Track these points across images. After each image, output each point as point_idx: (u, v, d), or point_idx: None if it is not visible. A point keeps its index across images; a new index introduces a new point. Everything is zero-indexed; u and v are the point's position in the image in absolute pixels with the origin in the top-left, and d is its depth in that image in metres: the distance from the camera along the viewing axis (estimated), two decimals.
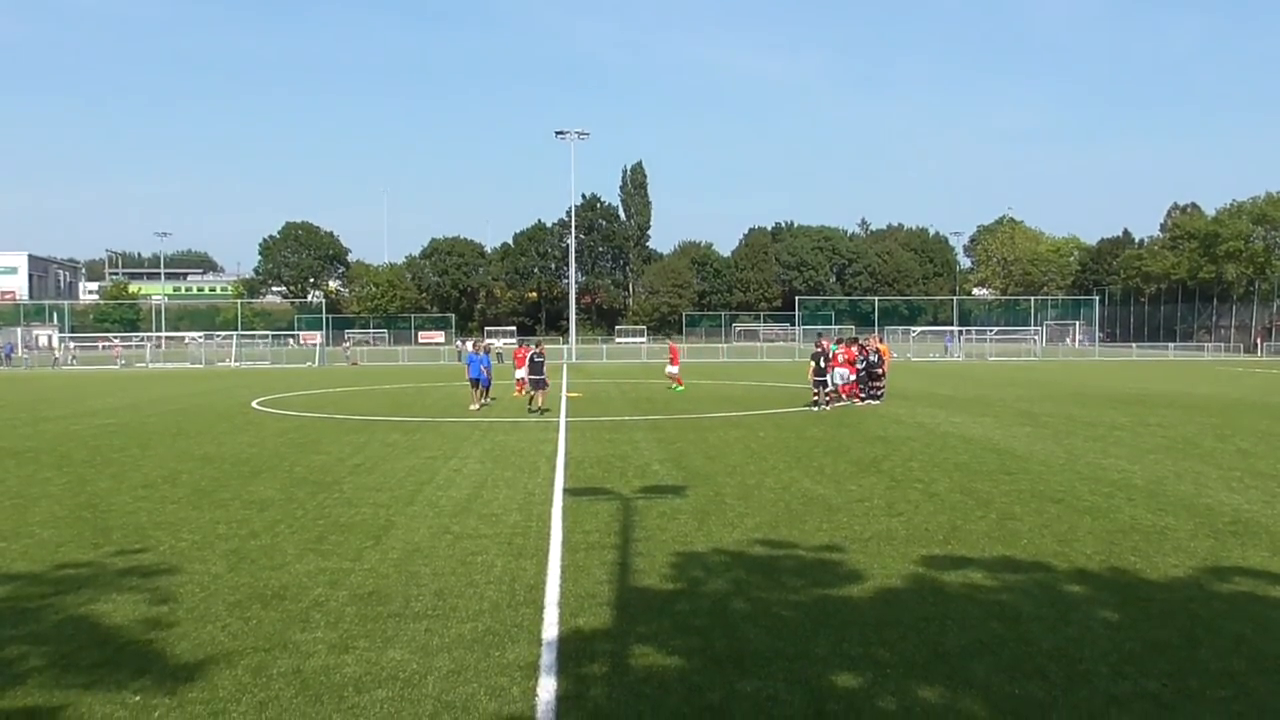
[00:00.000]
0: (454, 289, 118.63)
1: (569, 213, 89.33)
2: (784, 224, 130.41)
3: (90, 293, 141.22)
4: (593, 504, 10.78)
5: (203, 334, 67.86)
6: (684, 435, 17.57)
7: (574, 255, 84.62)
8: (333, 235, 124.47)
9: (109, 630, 6.41)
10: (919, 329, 79.19)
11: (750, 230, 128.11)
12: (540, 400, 22.15)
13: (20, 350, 63.71)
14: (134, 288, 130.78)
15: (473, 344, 33.11)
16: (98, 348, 71.36)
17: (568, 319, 77.90)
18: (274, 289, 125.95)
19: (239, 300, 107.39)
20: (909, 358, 58.50)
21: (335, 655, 5.90)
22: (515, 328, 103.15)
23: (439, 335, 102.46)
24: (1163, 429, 18.41)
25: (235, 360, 58.79)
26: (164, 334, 71.87)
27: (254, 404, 25.92)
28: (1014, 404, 24.49)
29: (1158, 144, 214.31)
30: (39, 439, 17.87)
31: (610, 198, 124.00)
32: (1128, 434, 17.55)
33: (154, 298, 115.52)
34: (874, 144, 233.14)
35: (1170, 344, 75.17)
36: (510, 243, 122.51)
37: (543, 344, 24.35)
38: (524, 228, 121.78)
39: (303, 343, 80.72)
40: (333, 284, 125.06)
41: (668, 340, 39.23)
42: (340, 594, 7.24)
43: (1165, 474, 12.75)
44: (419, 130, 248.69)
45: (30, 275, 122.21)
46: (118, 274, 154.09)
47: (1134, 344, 79.57)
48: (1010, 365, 52.79)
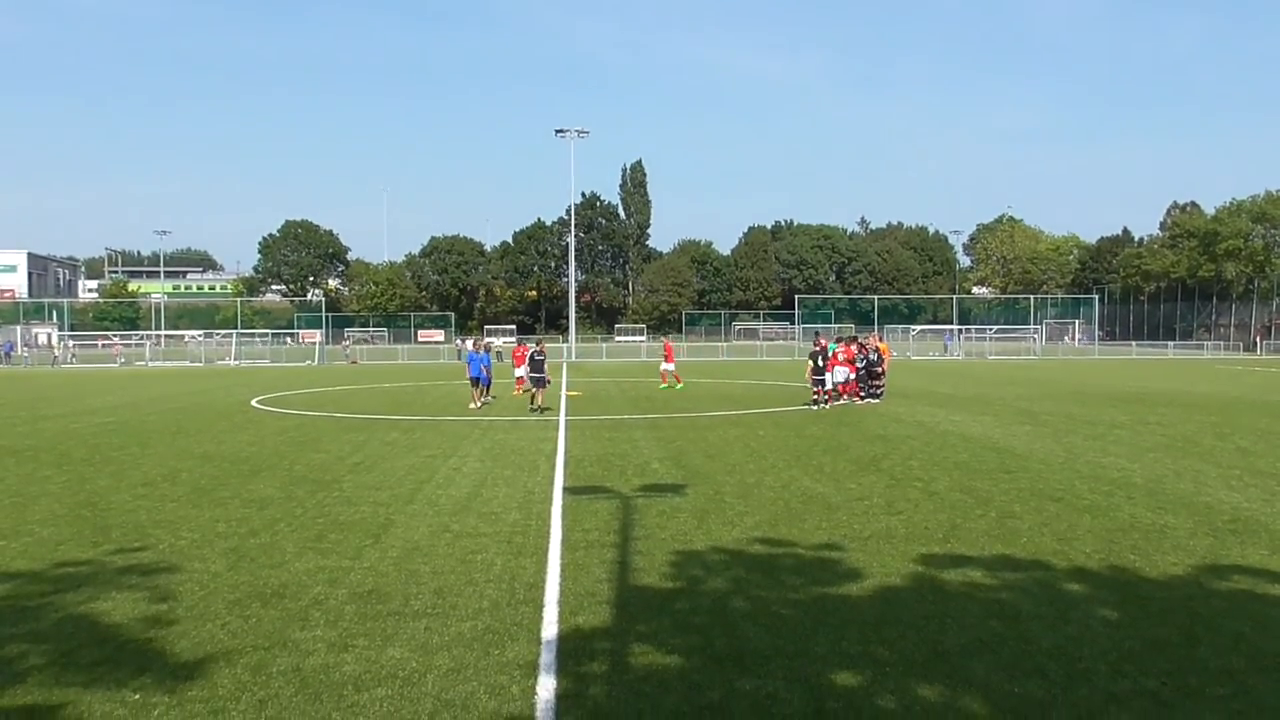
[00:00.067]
0: (454, 287, 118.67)
1: (569, 211, 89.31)
2: (784, 223, 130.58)
3: (90, 291, 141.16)
4: (592, 502, 10.79)
5: (202, 332, 67.84)
6: (683, 434, 17.57)
7: (574, 254, 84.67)
8: (332, 234, 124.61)
9: (108, 628, 6.41)
10: (918, 328, 79.25)
11: (750, 229, 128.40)
12: (540, 399, 22.18)
13: (20, 349, 63.63)
14: (133, 286, 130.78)
15: (473, 343, 33.08)
16: (97, 346, 71.40)
17: (567, 318, 77.93)
18: (274, 287, 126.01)
19: (239, 299, 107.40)
20: (908, 356, 58.52)
21: (335, 653, 5.90)
22: (515, 326, 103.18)
23: (439, 334, 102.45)
24: (1162, 427, 18.42)
25: (235, 359, 58.77)
26: (163, 332, 71.82)
27: (253, 402, 25.93)
28: (1013, 402, 24.49)
29: (1157, 142, 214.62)
30: (38, 437, 17.87)
31: (610, 196, 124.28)
32: (1127, 432, 17.56)
33: (153, 296, 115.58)
34: (874, 143, 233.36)
35: (1170, 342, 75.16)
36: (510, 241, 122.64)
37: (543, 342, 24.34)
38: (524, 226, 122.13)
39: (302, 341, 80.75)
40: (332, 282, 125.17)
41: (662, 339, 39.27)
42: (340, 592, 7.24)
43: (1165, 472, 12.75)
44: (419, 129, 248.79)
45: (30, 273, 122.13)
46: (117, 272, 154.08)
47: (1133, 342, 79.53)
48: (1010, 364, 52.81)
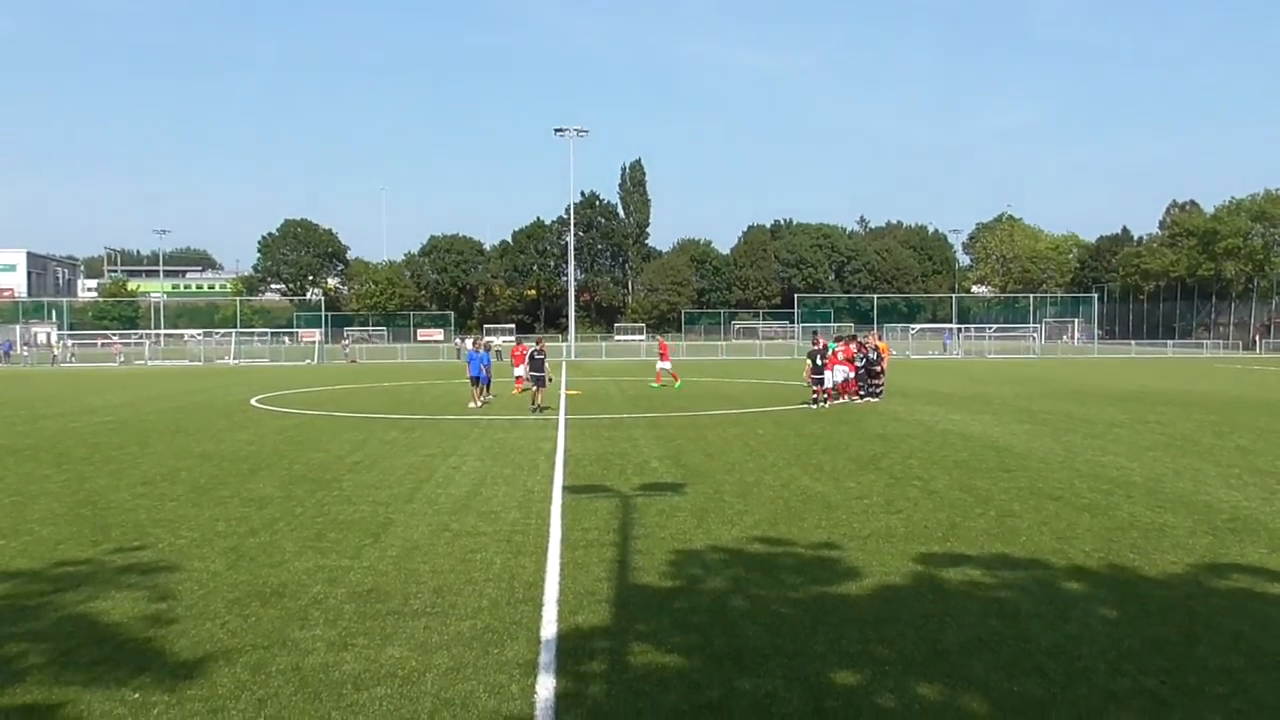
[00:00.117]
0: (453, 286, 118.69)
1: (568, 210, 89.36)
2: (783, 221, 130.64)
3: (89, 290, 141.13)
4: (592, 501, 10.78)
5: (202, 331, 67.88)
6: (683, 433, 17.57)
7: (573, 253, 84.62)
8: (332, 233, 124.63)
9: (108, 627, 6.41)
10: (918, 326, 79.33)
11: (749, 228, 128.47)
12: (540, 397, 22.18)
13: (19, 348, 63.61)
14: (133, 285, 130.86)
15: (472, 341, 33.04)
16: (96, 345, 71.33)
17: (567, 316, 77.94)
18: (273, 286, 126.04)
19: (238, 298, 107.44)
20: (908, 355, 58.55)
21: (334, 653, 5.90)
22: (514, 325, 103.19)
23: (438, 333, 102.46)
24: (1161, 426, 18.42)
25: (234, 358, 58.77)
26: (163, 331, 71.81)
27: (253, 401, 25.92)
28: (1013, 401, 24.50)
29: (1156, 141, 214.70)
30: (38, 436, 17.87)
31: (609, 195, 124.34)
32: (1126, 431, 17.56)
33: (153, 295, 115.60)
34: (873, 141, 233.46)
35: (1169, 341, 75.21)
36: (509, 240, 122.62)
37: (543, 341, 24.33)
38: (523, 225, 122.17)
39: (301, 340, 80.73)
40: (332, 281, 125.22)
41: (657, 338, 39.34)
42: (339, 591, 7.24)
43: (1164, 471, 12.75)
44: (418, 127, 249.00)
45: (29, 272, 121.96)
46: (116, 271, 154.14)
47: (1133, 341, 79.54)
48: (1009, 362, 52.84)
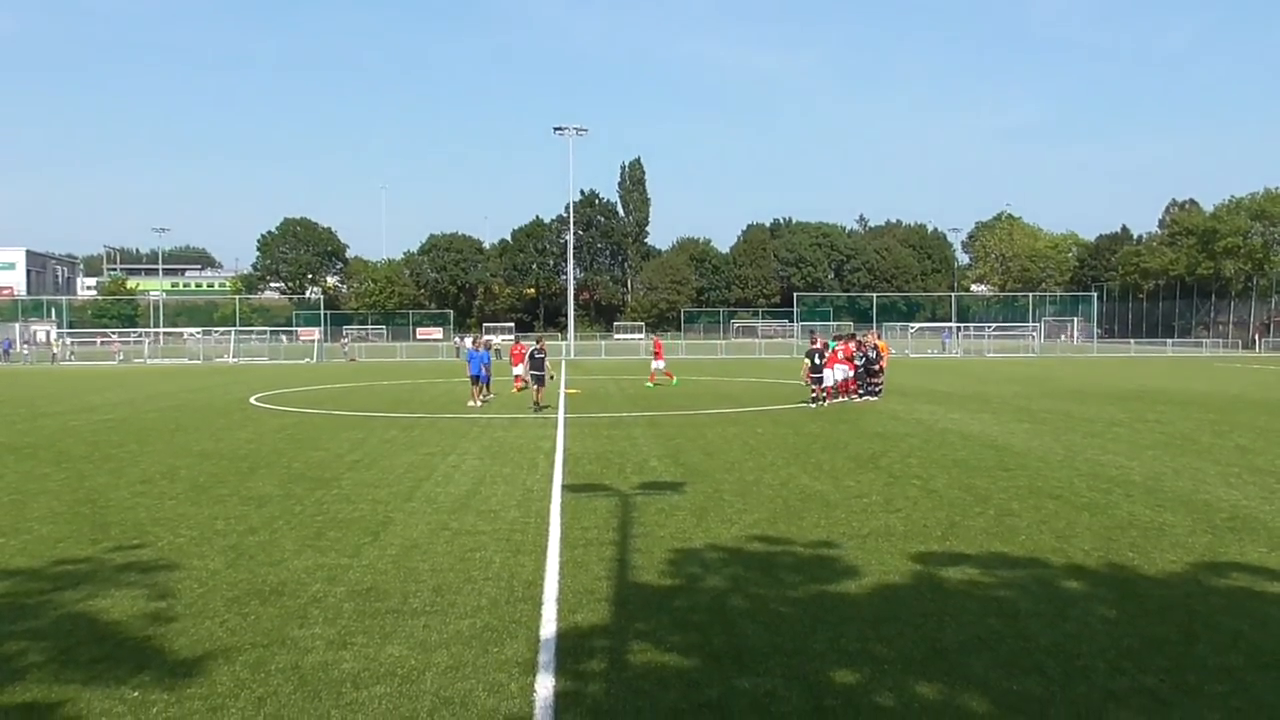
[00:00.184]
0: (452, 285, 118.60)
1: (567, 209, 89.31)
2: (782, 220, 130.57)
3: (88, 288, 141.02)
4: (591, 500, 10.79)
5: (201, 330, 67.87)
6: (682, 432, 17.57)
7: (572, 251, 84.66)
8: (331, 231, 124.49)
9: (107, 626, 6.41)
10: (917, 325, 79.38)
11: (749, 227, 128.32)
12: (540, 396, 22.18)
13: (18, 346, 63.58)
14: (132, 283, 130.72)
15: (472, 340, 33.05)
16: (96, 343, 71.31)
17: (566, 315, 77.89)
18: (272, 285, 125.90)
19: (237, 296, 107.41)
20: (907, 354, 58.55)
21: (333, 651, 5.90)
22: (514, 324, 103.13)
23: (437, 331, 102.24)
24: (1161, 425, 18.43)
25: (233, 356, 58.71)
26: (162, 330, 71.84)
27: (252, 400, 25.91)
28: (1012, 400, 24.50)
29: (1156, 140, 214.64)
30: (37, 435, 17.86)
31: (609, 194, 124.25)
32: (1126, 430, 17.57)
33: (152, 293, 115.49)
34: (873, 140, 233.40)
35: (1169, 340, 75.19)
36: (509, 239, 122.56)
37: (543, 340, 24.32)
38: (522, 224, 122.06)
39: (300, 339, 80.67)
40: (331, 280, 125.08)
41: (652, 336, 39.37)
42: (338, 590, 7.24)
43: (1163, 470, 12.76)
44: (417, 126, 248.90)
45: (28, 271, 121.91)
46: (116, 270, 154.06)
47: (1132, 340, 79.50)
48: (1008, 361, 52.86)
